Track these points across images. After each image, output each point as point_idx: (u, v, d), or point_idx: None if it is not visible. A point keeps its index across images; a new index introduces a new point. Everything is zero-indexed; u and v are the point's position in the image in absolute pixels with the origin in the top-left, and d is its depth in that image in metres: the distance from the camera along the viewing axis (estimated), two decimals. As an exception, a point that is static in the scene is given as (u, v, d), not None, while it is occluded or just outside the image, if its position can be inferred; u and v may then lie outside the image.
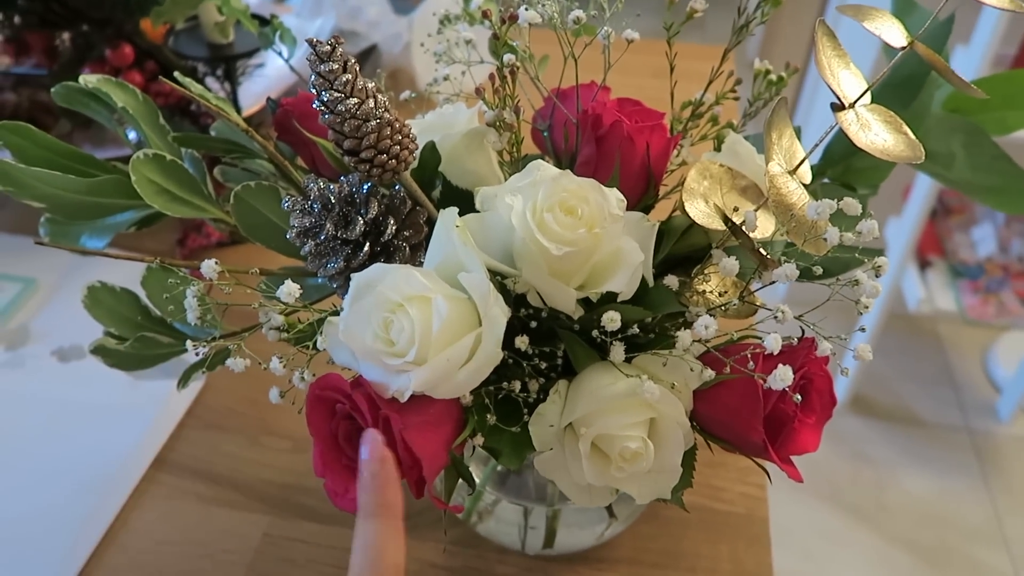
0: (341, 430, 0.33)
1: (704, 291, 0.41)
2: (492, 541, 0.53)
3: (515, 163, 0.45)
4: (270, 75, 0.83)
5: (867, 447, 1.73)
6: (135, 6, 0.64)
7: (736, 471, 0.59)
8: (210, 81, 0.76)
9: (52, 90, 0.44)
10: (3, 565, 0.52)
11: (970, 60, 1.25)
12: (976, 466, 1.70)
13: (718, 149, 0.49)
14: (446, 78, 0.51)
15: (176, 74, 0.44)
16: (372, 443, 0.31)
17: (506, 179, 0.46)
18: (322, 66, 0.36)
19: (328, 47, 0.36)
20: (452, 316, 0.32)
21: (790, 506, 1.55)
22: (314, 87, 0.36)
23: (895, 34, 0.35)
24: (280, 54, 0.55)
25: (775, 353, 0.33)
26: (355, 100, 0.36)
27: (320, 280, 0.47)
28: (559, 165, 0.48)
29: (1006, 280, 1.52)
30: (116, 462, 0.58)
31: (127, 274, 0.74)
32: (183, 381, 0.46)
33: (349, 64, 0.36)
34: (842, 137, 0.50)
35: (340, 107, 0.36)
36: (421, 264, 0.41)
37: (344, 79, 0.36)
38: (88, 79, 0.43)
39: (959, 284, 1.50)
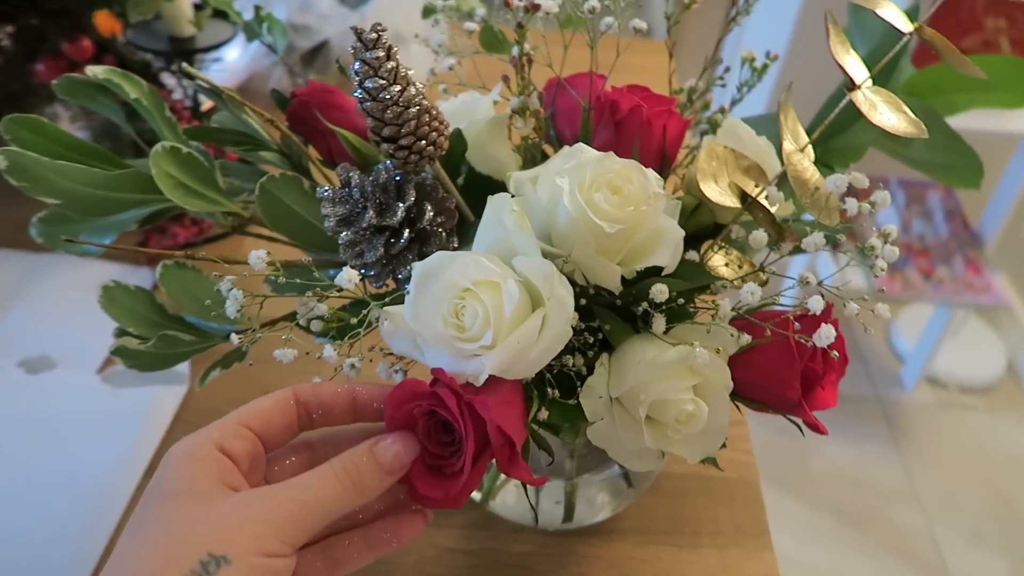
0: (420, 428, 0.34)
1: (722, 265, 0.44)
2: (506, 520, 0.54)
3: (531, 149, 0.46)
4: (225, 69, 0.81)
5: (787, 422, 1.83)
6: (98, -3, 0.61)
7: (724, 440, 0.62)
8: (166, 76, 0.74)
9: (54, 83, 0.42)
10: (-2, 586, 0.49)
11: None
12: (887, 433, 1.82)
13: (711, 133, 0.52)
14: (433, 71, 0.52)
15: (184, 65, 0.43)
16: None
17: (521, 165, 0.47)
18: (367, 53, 0.36)
19: (374, 34, 0.36)
20: (519, 300, 0.33)
21: (725, 481, 1.62)
22: (357, 74, 0.37)
23: (901, 20, 0.38)
24: (271, 46, 0.54)
25: (818, 314, 0.35)
26: (398, 87, 0.37)
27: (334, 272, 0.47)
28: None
29: (909, 258, 1.64)
30: (107, 474, 0.55)
31: (88, 276, 0.71)
32: (203, 379, 0.45)
33: (392, 51, 0.37)
34: (822, 117, 0.54)
35: (384, 94, 0.37)
36: (454, 250, 0.42)
37: (388, 66, 0.36)
38: (95, 71, 0.41)
39: (868, 262, 1.61)
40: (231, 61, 0.83)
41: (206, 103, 0.79)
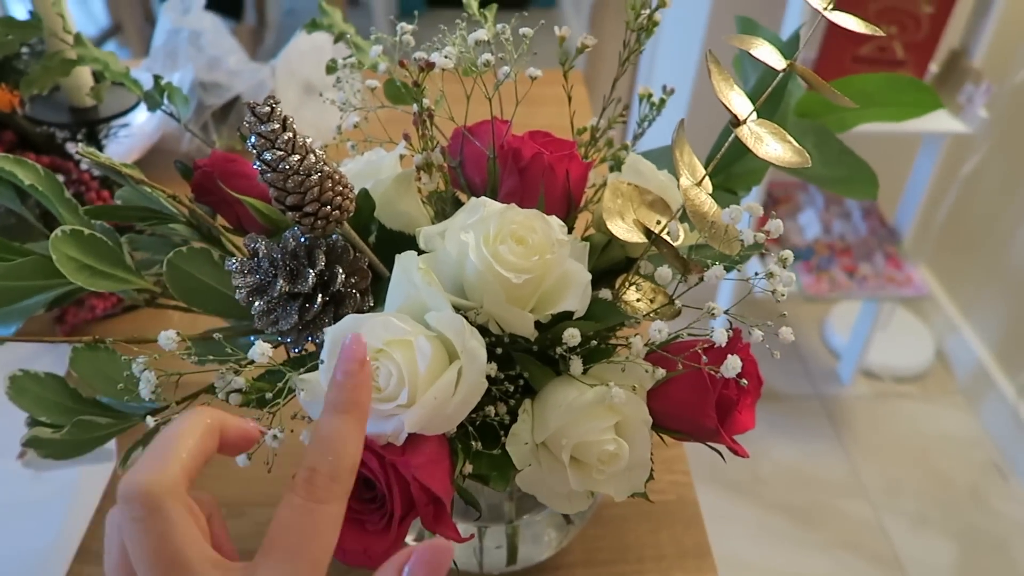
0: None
1: (635, 299, 0.45)
2: (450, 569, 0.54)
3: (442, 200, 0.47)
4: (134, 134, 0.80)
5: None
6: (-10, 75, 0.60)
7: (661, 462, 0.64)
8: (71, 147, 0.72)
9: (-58, 174, 0.41)
10: None
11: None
12: (829, 427, 1.88)
13: (617, 169, 0.54)
14: (340, 128, 0.52)
15: (82, 146, 0.43)
16: (355, 344, 0.30)
17: (432, 217, 0.48)
18: (263, 127, 0.36)
19: (267, 108, 0.36)
20: (432, 355, 0.34)
21: (679, 492, 1.64)
22: (254, 148, 0.37)
23: (775, 58, 0.40)
24: (172, 115, 0.53)
25: (722, 345, 0.37)
26: (297, 157, 0.37)
27: (252, 339, 0.47)
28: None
29: (833, 258, 1.70)
30: (34, 564, 0.53)
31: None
32: (124, 460, 0.44)
33: (288, 122, 0.37)
34: (719, 146, 0.56)
35: (283, 165, 0.37)
36: (370, 308, 0.42)
37: (285, 137, 0.37)
38: (-15, 159, 0.41)
39: (795, 267, 1.67)
40: (139, 124, 0.82)
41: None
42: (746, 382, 0.38)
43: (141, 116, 0.82)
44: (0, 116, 0.67)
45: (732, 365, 0.36)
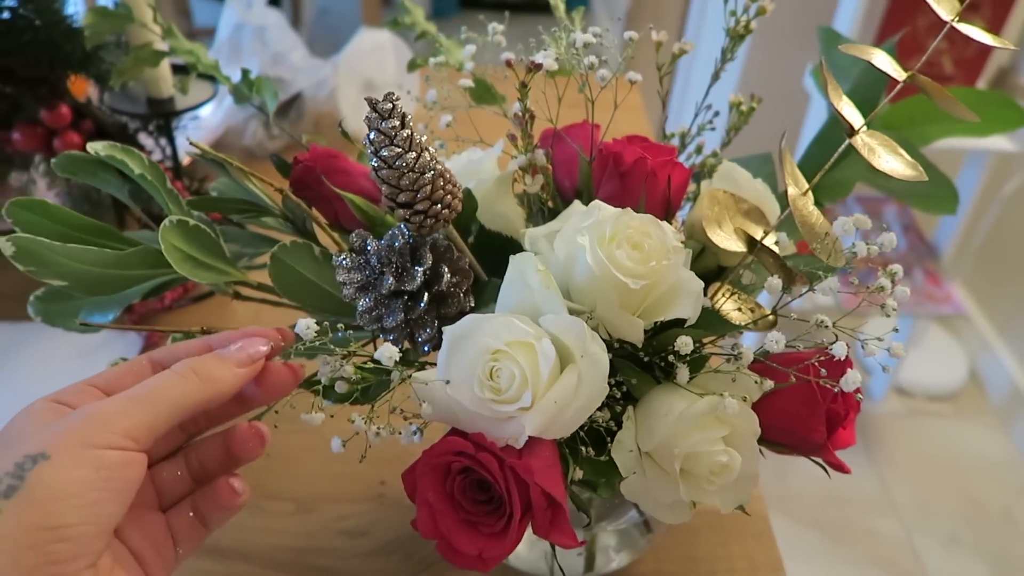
0: (456, 486, 0.33)
1: (734, 309, 0.45)
2: (520, 572, 0.54)
3: (539, 201, 0.47)
4: (200, 127, 0.80)
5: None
6: (76, 64, 0.60)
7: (729, 474, 0.63)
8: (143, 137, 0.73)
9: (52, 161, 0.41)
10: None
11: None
12: (860, 443, 1.86)
13: (707, 176, 0.53)
14: (427, 126, 0.52)
15: (189, 138, 0.43)
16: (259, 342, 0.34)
17: (527, 218, 0.48)
18: (383, 123, 0.36)
19: (389, 104, 0.36)
20: (554, 359, 0.33)
21: (708, 503, 1.63)
22: (372, 143, 0.37)
23: (894, 69, 0.40)
24: (260, 108, 0.53)
25: (842, 360, 0.36)
26: (413, 154, 0.37)
27: (340, 335, 0.46)
28: (566, 201, 0.50)
29: (871, 272, 1.69)
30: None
31: (73, 343, 0.69)
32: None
33: (407, 119, 0.37)
34: (810, 158, 0.56)
35: (400, 162, 0.37)
36: (472, 309, 0.42)
37: (404, 134, 0.37)
38: (96, 147, 0.41)
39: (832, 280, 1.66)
40: (205, 117, 0.82)
41: (185, 159, 0.78)
42: (861, 397, 0.37)
43: (206, 109, 0.83)
44: (79, 105, 0.67)
45: (852, 380, 0.35)
